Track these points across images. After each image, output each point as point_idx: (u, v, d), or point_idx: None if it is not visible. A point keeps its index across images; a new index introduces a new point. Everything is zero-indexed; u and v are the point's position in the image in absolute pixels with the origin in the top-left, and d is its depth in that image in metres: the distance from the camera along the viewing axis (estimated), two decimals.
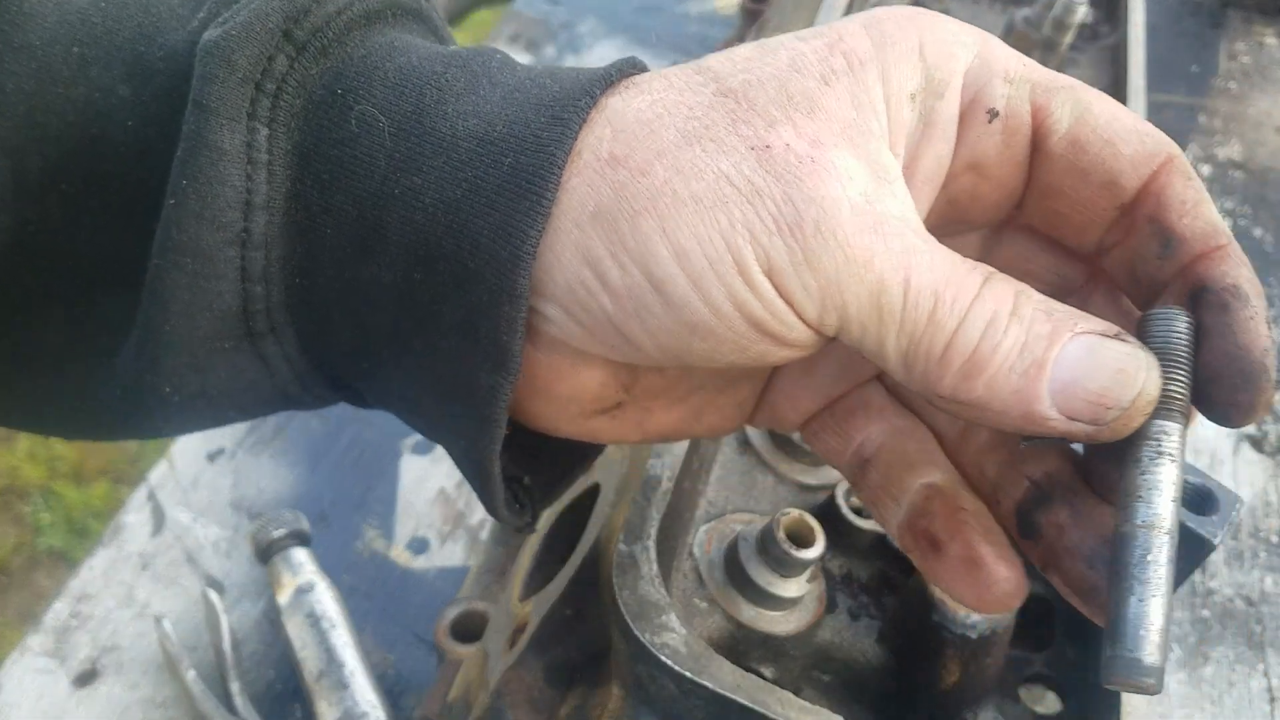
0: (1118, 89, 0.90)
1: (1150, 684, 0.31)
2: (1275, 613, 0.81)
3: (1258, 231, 1.16)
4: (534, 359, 0.35)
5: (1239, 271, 0.33)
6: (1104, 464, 0.36)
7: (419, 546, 0.86)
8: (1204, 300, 0.33)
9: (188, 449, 0.93)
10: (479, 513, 0.88)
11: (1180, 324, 0.33)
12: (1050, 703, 0.57)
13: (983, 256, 0.39)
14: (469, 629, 0.67)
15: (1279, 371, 0.34)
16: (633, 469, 0.54)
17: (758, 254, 0.31)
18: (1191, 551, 0.53)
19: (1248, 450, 0.93)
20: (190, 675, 0.71)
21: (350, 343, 0.36)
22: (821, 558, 0.56)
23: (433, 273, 0.33)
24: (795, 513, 0.54)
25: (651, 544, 0.49)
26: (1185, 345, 0.33)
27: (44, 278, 0.35)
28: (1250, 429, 0.95)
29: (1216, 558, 0.84)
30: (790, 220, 0.31)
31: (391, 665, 0.77)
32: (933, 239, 0.32)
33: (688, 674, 0.45)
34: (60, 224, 0.34)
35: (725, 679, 0.45)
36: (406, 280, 0.33)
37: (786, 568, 0.54)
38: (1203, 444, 0.93)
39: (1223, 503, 0.53)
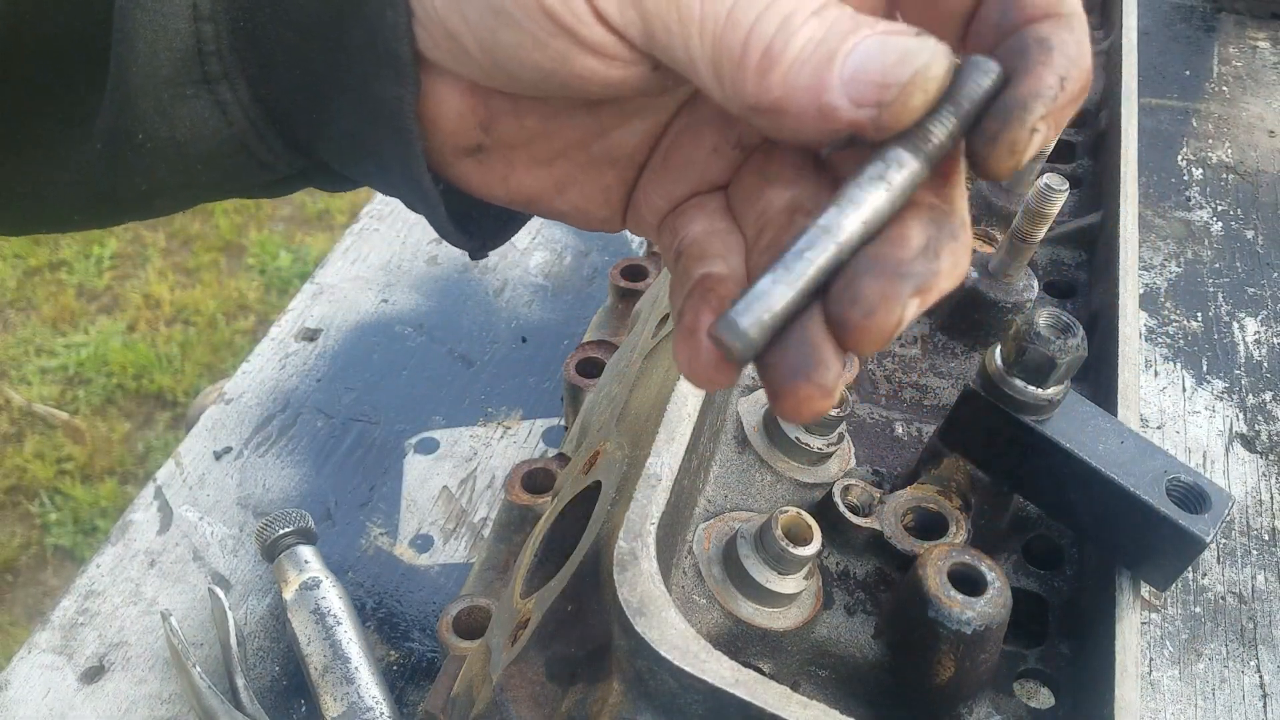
0: (1111, 93, 0.90)
1: (737, 348, 0.31)
2: (1266, 610, 0.82)
3: (1249, 233, 1.16)
4: None
5: (1055, 30, 0.32)
6: None
7: (423, 544, 0.86)
8: (1010, 47, 0.32)
9: (195, 448, 0.93)
10: (482, 511, 0.89)
11: (974, 70, 0.31)
12: (1044, 698, 0.57)
13: None
14: (472, 625, 0.68)
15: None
16: (633, 468, 0.55)
17: None
18: (1184, 549, 0.54)
19: (1240, 449, 0.94)
20: (196, 671, 0.72)
21: (293, 85, 0.38)
22: (818, 555, 0.57)
23: None
24: (792, 510, 0.55)
25: (651, 541, 0.49)
26: (967, 90, 0.31)
27: (29, 56, 0.38)
28: (1242, 428, 0.95)
29: (1209, 555, 0.85)
30: None
31: (395, 661, 0.78)
32: None
33: (686, 669, 0.45)
34: (37, 3, 0.37)
35: (723, 674, 0.45)
36: (324, 9, 0.36)
37: (784, 565, 0.54)
38: (1195, 443, 0.94)
39: (1215, 501, 0.54)
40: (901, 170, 0.31)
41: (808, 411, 0.32)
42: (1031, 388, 0.55)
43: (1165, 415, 0.97)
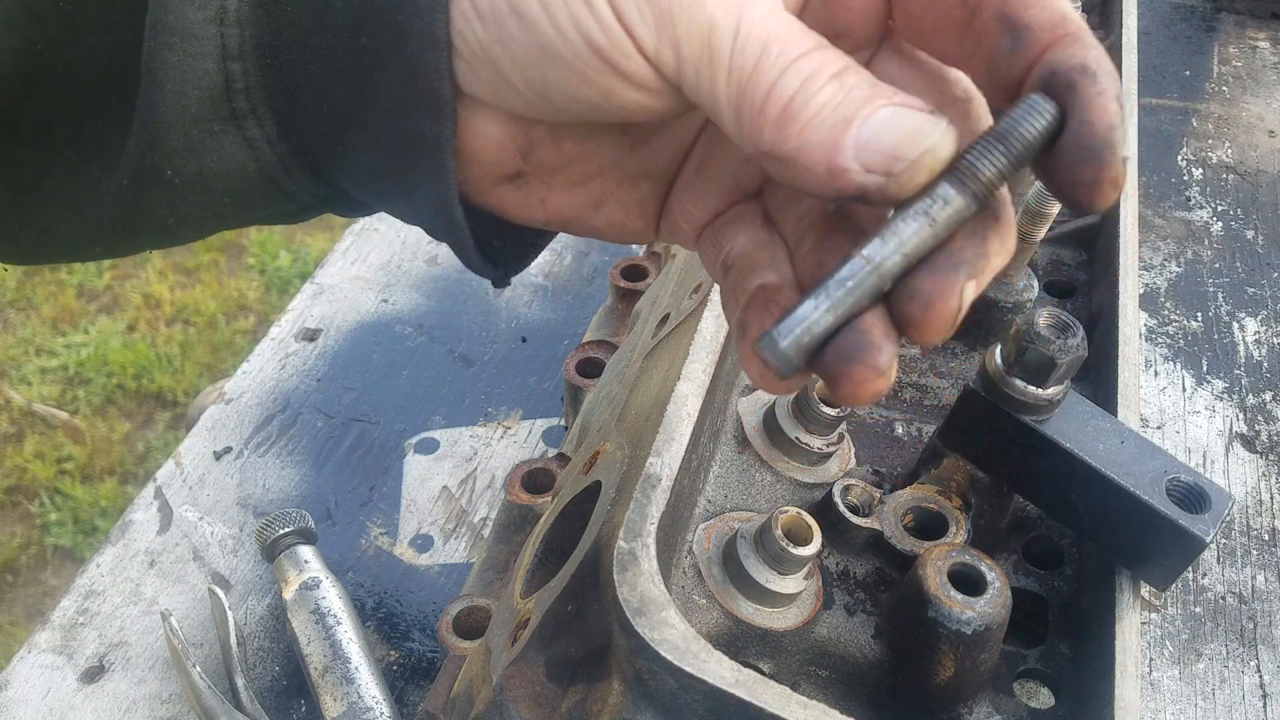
0: None
1: (777, 366, 0.33)
2: (1266, 610, 0.82)
3: (1249, 233, 1.16)
4: None
5: (1087, 53, 0.33)
6: None
7: (423, 544, 0.86)
8: (1053, 85, 0.33)
9: (195, 448, 0.93)
10: (482, 511, 0.89)
11: (1030, 111, 0.32)
12: (1044, 698, 0.57)
13: None
14: (472, 625, 0.68)
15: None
16: (633, 468, 0.55)
17: None
18: (1184, 549, 0.54)
19: (1240, 449, 0.94)
20: (196, 671, 0.72)
21: (320, 120, 0.39)
22: (818, 555, 0.57)
23: (375, 35, 0.36)
24: (792, 510, 0.55)
25: (651, 541, 0.49)
26: (1021, 129, 0.32)
27: (50, 97, 0.39)
28: (1242, 428, 0.95)
29: (1209, 555, 0.85)
30: None
31: (395, 661, 0.78)
32: (779, 5, 0.34)
33: (686, 669, 0.45)
34: (62, 42, 0.37)
35: (723, 674, 0.45)
36: (355, 46, 0.36)
37: (784, 564, 0.54)
38: (1195, 443, 0.94)
39: (1215, 501, 0.54)
40: (948, 207, 0.33)
41: (865, 394, 0.34)
42: (1031, 388, 0.55)
43: (1165, 415, 0.97)
